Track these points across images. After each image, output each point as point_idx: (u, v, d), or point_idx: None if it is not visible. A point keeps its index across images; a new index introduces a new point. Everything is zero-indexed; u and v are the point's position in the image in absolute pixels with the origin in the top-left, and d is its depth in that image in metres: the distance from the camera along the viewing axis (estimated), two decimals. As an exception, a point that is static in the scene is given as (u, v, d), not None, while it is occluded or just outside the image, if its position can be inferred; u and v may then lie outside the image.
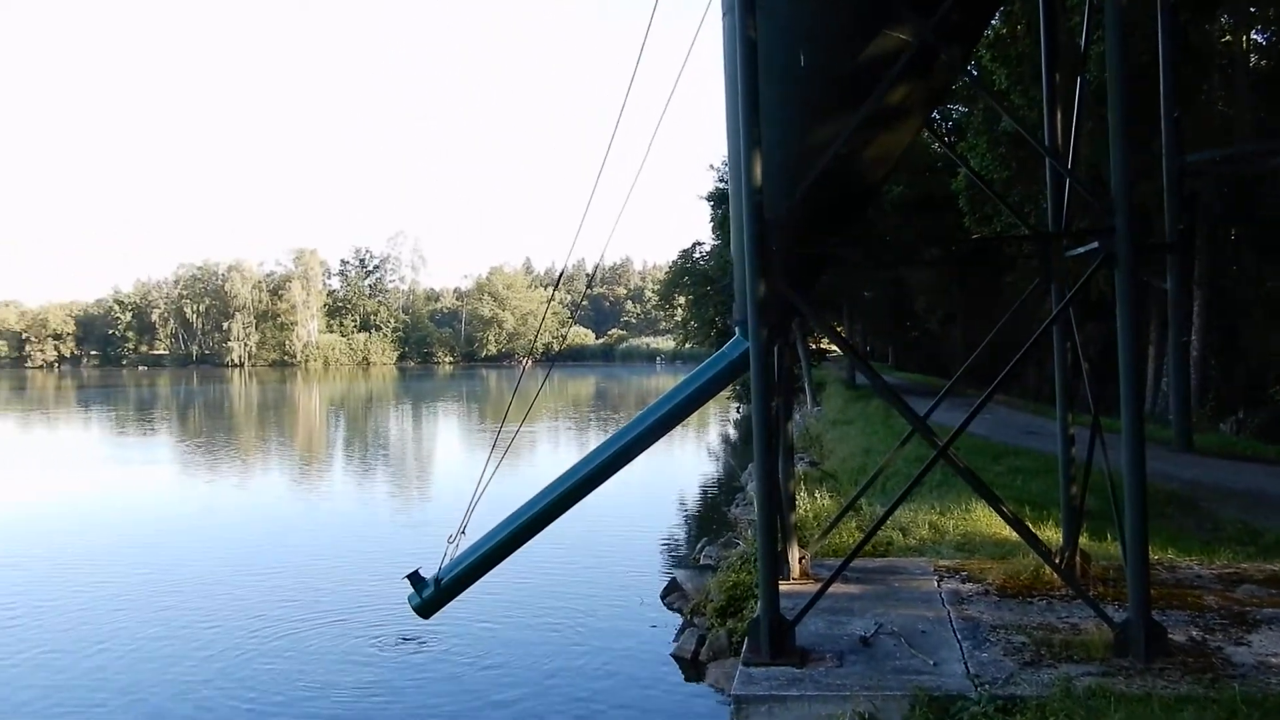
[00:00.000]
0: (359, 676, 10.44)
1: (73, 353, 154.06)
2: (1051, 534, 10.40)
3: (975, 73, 21.20)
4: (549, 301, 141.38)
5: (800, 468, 17.23)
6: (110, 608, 13.41)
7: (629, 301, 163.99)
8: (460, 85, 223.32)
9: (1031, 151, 19.01)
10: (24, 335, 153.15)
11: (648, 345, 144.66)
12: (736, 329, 8.79)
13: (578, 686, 10.06)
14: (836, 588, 7.99)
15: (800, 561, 9.39)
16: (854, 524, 11.53)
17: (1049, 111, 9.34)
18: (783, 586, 7.72)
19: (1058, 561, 8.44)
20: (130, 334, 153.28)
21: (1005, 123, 20.80)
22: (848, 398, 33.08)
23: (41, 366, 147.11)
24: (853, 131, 7.25)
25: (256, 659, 11.07)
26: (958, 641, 7.42)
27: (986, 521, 11.45)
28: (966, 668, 6.83)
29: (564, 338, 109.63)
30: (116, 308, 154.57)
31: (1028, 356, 8.44)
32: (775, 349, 8.52)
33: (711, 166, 33.98)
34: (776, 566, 7.52)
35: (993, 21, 18.45)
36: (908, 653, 7.19)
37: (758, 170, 7.01)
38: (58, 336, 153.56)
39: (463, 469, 28.96)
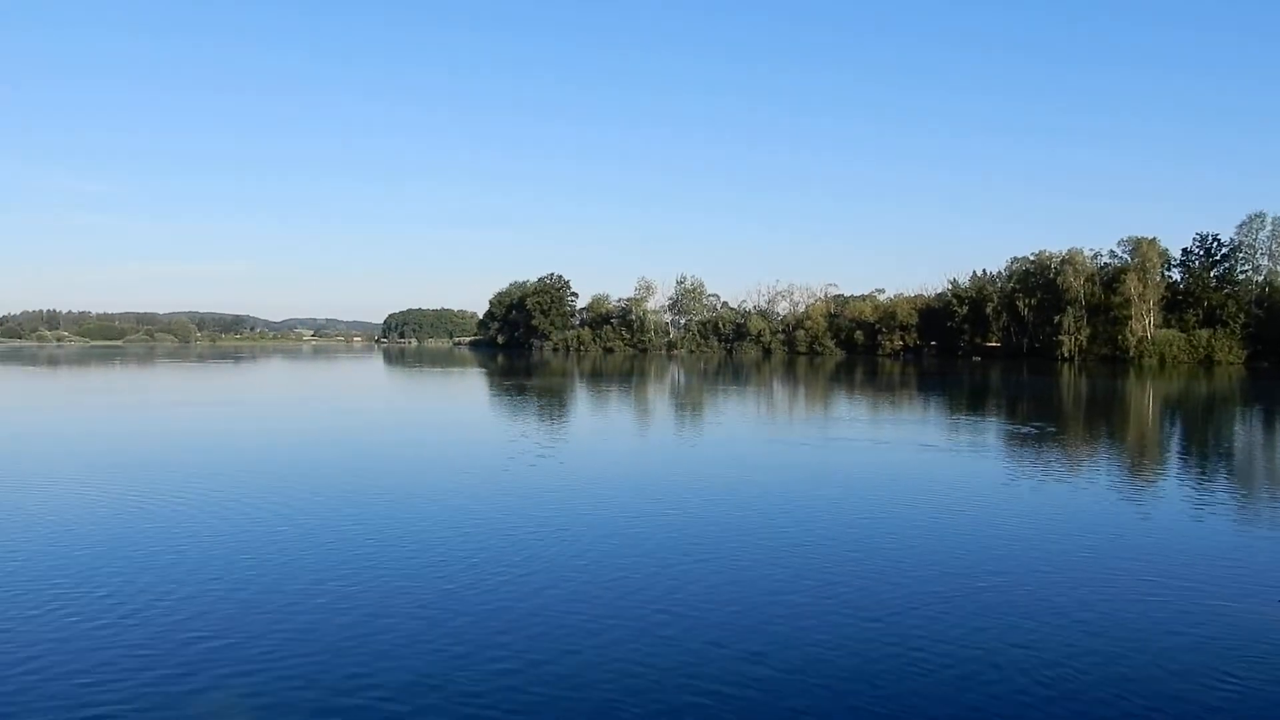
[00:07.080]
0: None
1: (915, 343, 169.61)
2: None
3: None
4: None
5: None
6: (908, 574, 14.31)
7: None
8: None
9: None
10: (876, 326, 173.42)
11: None
12: None
13: None
14: None
15: None
16: None
17: None
18: None
19: None
20: (965, 326, 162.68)
21: None
22: None
23: (889, 355, 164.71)
24: None
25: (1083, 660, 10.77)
26: None
27: None
28: None
29: None
30: (954, 301, 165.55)
31: None
32: None
33: None
34: None
35: None
36: None
37: None
38: (904, 328, 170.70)
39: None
